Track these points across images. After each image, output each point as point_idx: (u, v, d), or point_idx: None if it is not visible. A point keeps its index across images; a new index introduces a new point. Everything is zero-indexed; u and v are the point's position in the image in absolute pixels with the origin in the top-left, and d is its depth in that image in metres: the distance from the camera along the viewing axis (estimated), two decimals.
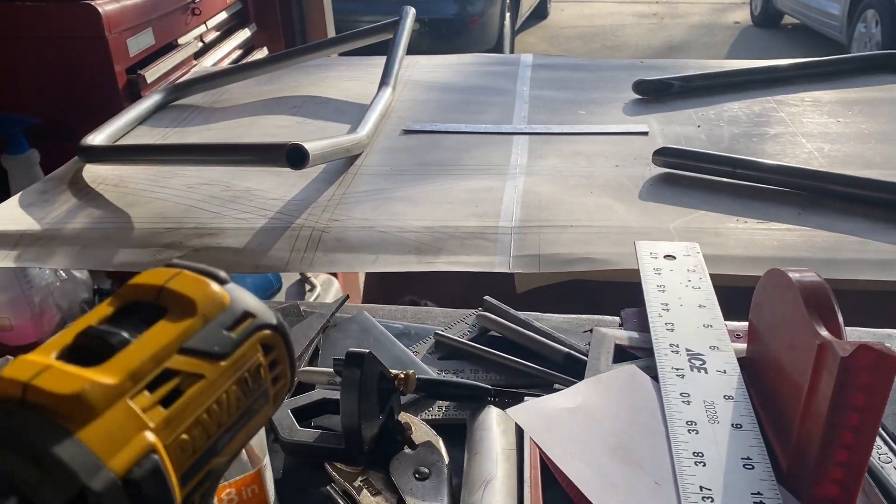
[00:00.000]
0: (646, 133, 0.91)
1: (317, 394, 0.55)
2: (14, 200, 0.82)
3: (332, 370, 0.53)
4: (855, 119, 0.93)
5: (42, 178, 0.87)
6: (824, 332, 0.42)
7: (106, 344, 0.22)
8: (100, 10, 1.11)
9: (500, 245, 0.69)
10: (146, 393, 0.22)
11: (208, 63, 1.44)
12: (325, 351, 0.64)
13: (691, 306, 0.53)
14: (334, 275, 1.40)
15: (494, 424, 0.47)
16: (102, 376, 0.21)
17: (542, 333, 0.57)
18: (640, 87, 1.02)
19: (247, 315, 0.25)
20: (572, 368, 0.53)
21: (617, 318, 0.61)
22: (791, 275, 0.45)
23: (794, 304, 0.43)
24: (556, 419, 0.43)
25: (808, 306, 0.42)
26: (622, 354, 0.53)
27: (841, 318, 0.44)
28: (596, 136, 0.91)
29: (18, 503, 0.18)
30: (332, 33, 1.94)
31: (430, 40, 3.74)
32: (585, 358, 0.52)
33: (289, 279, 1.28)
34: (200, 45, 1.43)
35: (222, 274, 0.25)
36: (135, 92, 1.18)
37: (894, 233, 0.69)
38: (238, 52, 1.59)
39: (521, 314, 0.61)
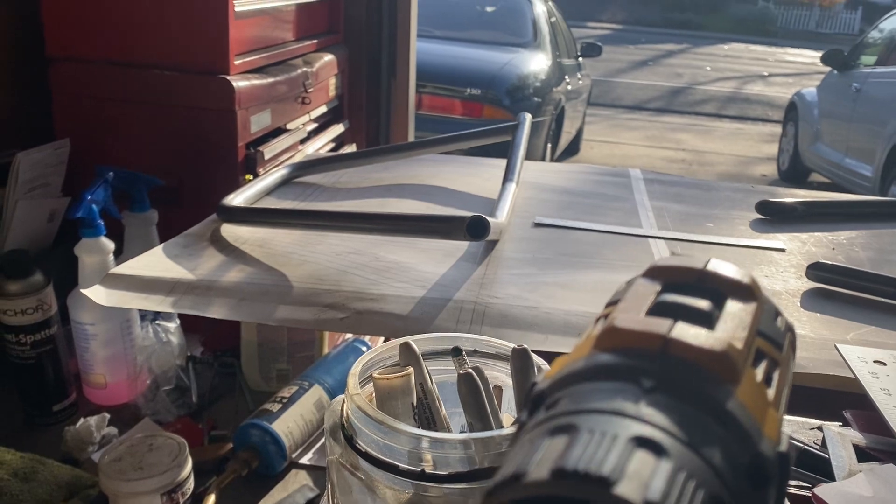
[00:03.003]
0: (783, 250, 0.91)
1: None
2: (159, 250, 0.81)
3: None
4: None
5: (182, 234, 0.87)
6: None
7: (701, 313, 0.21)
8: (234, 85, 1.14)
9: None
10: (752, 369, 0.20)
11: (309, 151, 1.47)
12: None
13: None
14: None
15: None
16: (732, 339, 0.19)
17: None
18: (764, 208, 1.03)
19: (779, 311, 0.24)
20: (807, 464, 0.50)
21: (828, 422, 0.58)
22: None
23: None
24: None
25: None
26: (862, 454, 0.50)
27: None
28: (733, 247, 0.91)
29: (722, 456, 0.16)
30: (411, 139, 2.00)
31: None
32: (821, 454, 0.50)
33: None
34: (305, 133, 1.47)
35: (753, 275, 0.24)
36: (250, 166, 1.20)
37: None
38: (332, 145, 1.63)
39: None
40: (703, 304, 0.21)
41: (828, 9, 19.06)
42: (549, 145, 4.56)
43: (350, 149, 1.75)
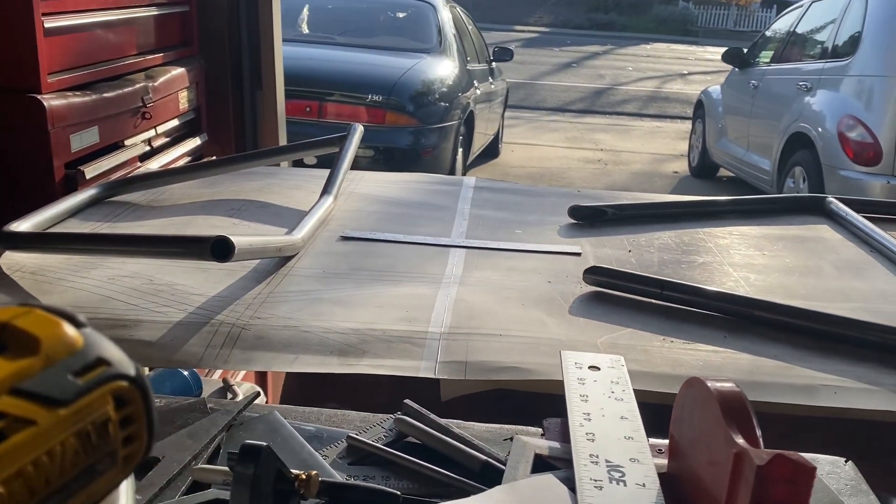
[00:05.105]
0: (579, 254, 0.93)
1: (210, 493, 0.51)
2: None
3: (228, 469, 0.49)
4: (780, 253, 0.97)
5: None
6: (741, 441, 0.40)
7: None
8: (45, 104, 1.10)
9: (428, 350, 0.67)
10: None
11: (154, 167, 1.43)
12: (227, 450, 0.60)
13: (613, 417, 0.52)
14: (262, 384, 1.35)
15: None
16: None
17: (461, 440, 0.54)
18: (575, 212, 1.05)
19: (100, 362, 0.23)
20: (490, 477, 0.50)
21: (540, 429, 0.59)
22: (709, 384, 0.44)
23: (713, 415, 0.42)
24: None
25: (725, 415, 0.41)
26: (542, 464, 0.50)
27: (759, 429, 0.43)
28: (531, 253, 0.92)
29: None
30: None
31: (383, 167, 3.84)
32: (504, 467, 0.50)
33: (211, 385, 1.23)
34: (147, 148, 1.43)
35: (81, 318, 0.23)
36: (72, 186, 1.16)
37: (816, 359, 0.70)
38: (186, 159, 1.60)
39: (442, 420, 0.59)
40: None
41: (744, 7, 19.75)
42: (461, 149, 4.58)
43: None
